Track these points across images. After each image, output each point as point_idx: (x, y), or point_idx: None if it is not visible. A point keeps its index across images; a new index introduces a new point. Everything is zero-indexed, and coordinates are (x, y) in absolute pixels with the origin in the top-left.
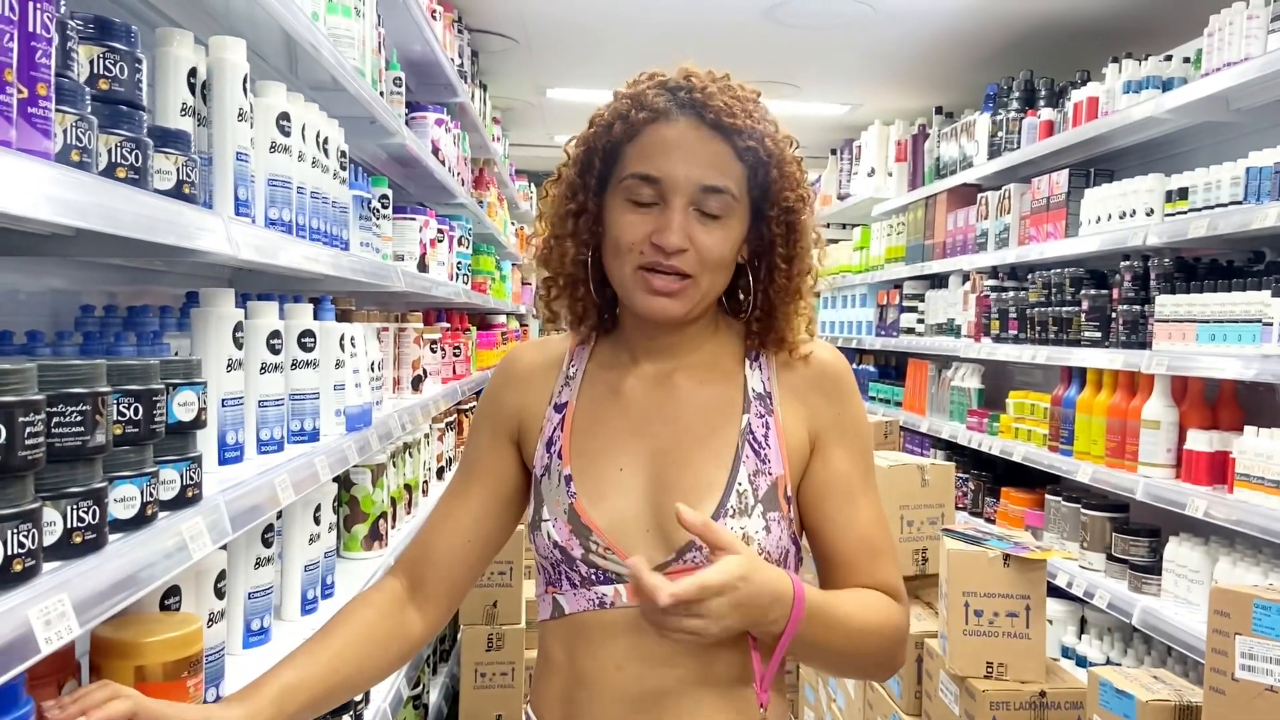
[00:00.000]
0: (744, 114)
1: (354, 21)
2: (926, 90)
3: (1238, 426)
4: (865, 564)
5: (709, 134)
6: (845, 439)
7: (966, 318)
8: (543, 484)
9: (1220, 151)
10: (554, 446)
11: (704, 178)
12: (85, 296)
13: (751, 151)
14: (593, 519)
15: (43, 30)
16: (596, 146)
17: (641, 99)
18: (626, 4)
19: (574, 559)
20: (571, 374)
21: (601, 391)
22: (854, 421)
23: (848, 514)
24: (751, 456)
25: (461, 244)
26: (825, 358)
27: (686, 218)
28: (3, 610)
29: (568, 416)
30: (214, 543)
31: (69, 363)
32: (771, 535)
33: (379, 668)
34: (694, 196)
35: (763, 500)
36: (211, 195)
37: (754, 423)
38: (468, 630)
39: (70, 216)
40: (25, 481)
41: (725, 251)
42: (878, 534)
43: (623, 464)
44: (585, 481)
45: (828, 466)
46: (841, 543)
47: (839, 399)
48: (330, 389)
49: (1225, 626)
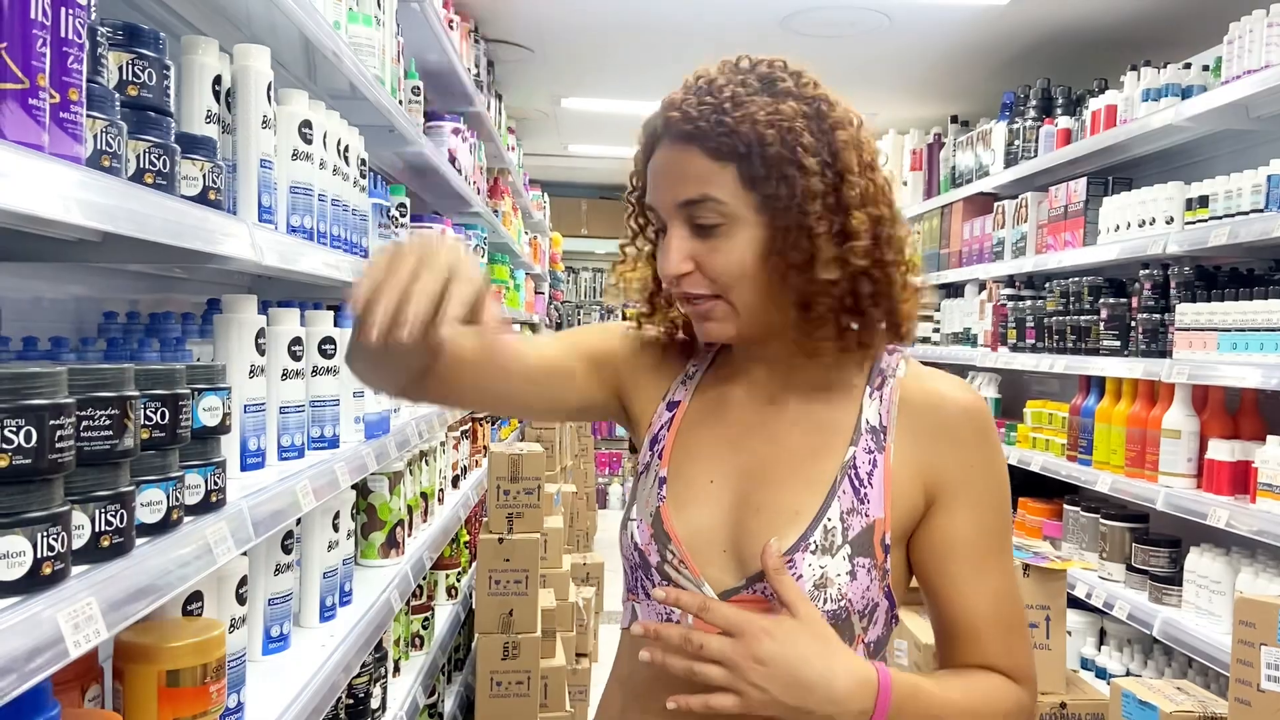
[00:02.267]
0: (712, 110)
1: (375, 30)
2: (942, 99)
3: (1260, 436)
4: (993, 641)
5: (680, 148)
6: (977, 494)
7: (983, 327)
8: (641, 481)
9: (1240, 159)
10: (658, 445)
11: (678, 194)
12: (107, 304)
13: (726, 148)
14: (674, 527)
15: (74, 36)
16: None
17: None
18: (641, 14)
19: (650, 566)
20: (691, 374)
21: (713, 397)
22: (991, 476)
23: (975, 580)
24: (849, 492)
25: (477, 253)
26: (960, 398)
27: (685, 240)
28: (33, 613)
29: (677, 417)
30: (237, 548)
31: (98, 367)
32: (857, 582)
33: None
34: (679, 216)
35: (852, 542)
36: (236, 202)
37: (860, 457)
38: (483, 639)
39: (100, 220)
40: (55, 485)
41: (735, 262)
42: (1009, 608)
43: (714, 476)
44: (677, 488)
45: (954, 525)
46: (964, 613)
47: (973, 449)
48: (350, 396)
49: (1250, 637)
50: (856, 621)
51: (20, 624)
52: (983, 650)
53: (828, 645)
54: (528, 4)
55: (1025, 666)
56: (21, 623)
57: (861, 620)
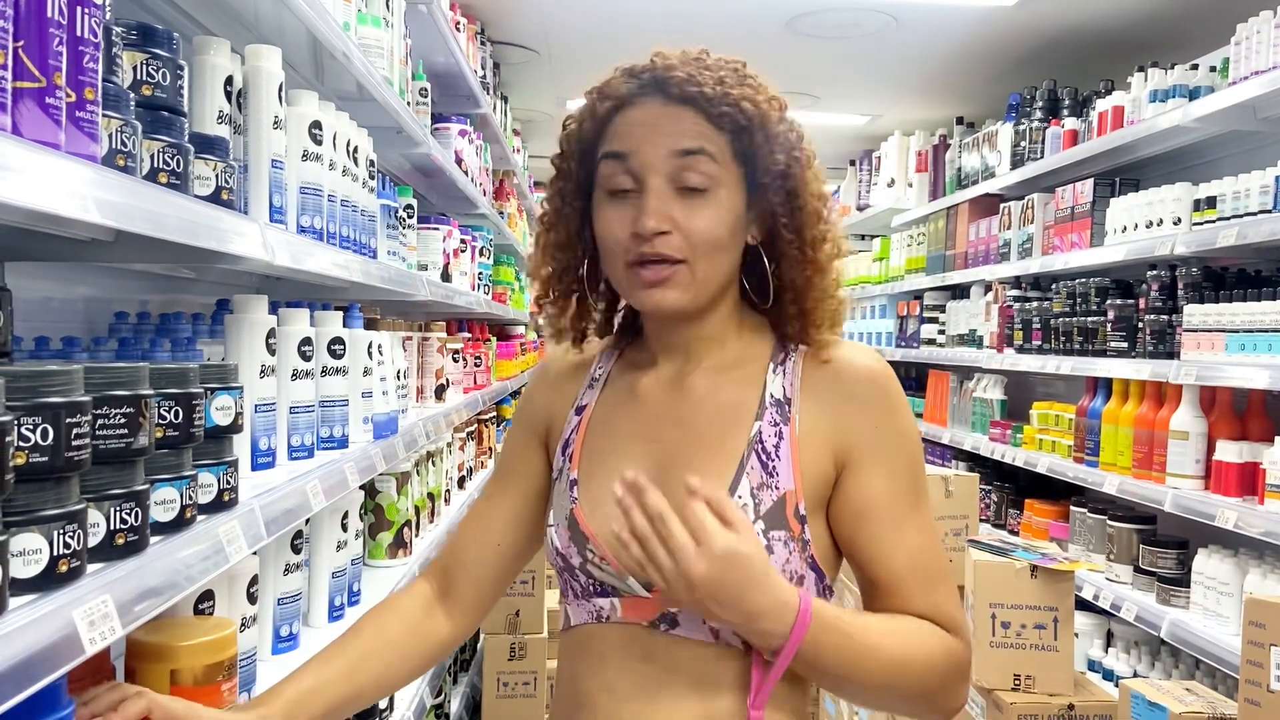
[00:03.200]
0: (714, 81)
1: (383, 32)
2: (948, 101)
3: (1268, 437)
4: (917, 593)
5: (677, 107)
6: (886, 455)
7: (989, 328)
8: (555, 487)
9: (1247, 160)
10: (568, 449)
11: (676, 143)
12: (117, 305)
13: (728, 117)
14: (590, 527)
15: (90, 35)
16: (570, 150)
17: (605, 89)
18: (646, 16)
19: (573, 567)
20: (596, 376)
21: (620, 394)
22: (898, 435)
23: (892, 538)
24: (758, 467)
25: (483, 254)
26: (862, 362)
27: (665, 198)
28: (49, 610)
29: (584, 419)
30: (249, 547)
31: (113, 366)
32: (775, 557)
33: (400, 675)
34: (670, 167)
35: (765, 516)
36: (247, 202)
37: (765, 431)
38: (490, 639)
39: (117, 219)
40: (71, 482)
41: (717, 229)
42: (930, 560)
43: (627, 470)
44: (589, 487)
45: (865, 485)
46: (885, 570)
47: (877, 410)
48: (359, 396)
49: (1260, 638)
50: None
51: (37, 621)
52: (908, 602)
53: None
54: (534, 6)
55: (953, 616)
56: (39, 619)
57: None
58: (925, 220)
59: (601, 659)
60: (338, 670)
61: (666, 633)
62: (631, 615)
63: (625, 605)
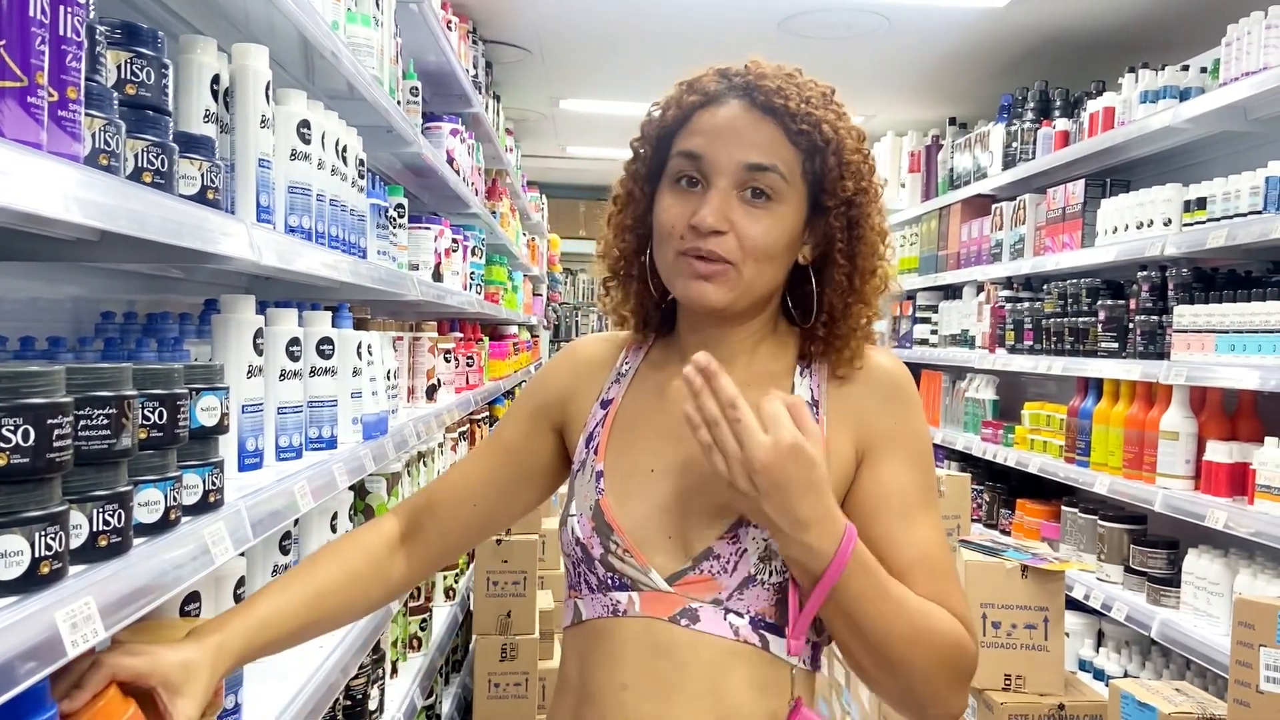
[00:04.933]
0: (799, 98)
1: (373, 31)
2: (940, 101)
3: (1258, 438)
4: (925, 587)
5: (759, 115)
6: (901, 451)
7: (981, 329)
8: (577, 479)
9: (1238, 161)
10: (593, 442)
11: (748, 156)
12: (104, 304)
13: (805, 135)
14: (615, 518)
15: (73, 34)
16: (649, 134)
17: (696, 84)
18: (639, 16)
19: (593, 559)
20: (623, 371)
21: (648, 391)
22: (913, 434)
23: (903, 532)
24: None
25: (475, 254)
26: (882, 364)
27: (728, 200)
28: (31, 613)
29: (611, 413)
30: (235, 548)
31: (96, 366)
32: None
33: (353, 611)
34: (738, 176)
35: None
36: (234, 201)
37: None
38: (481, 640)
39: (99, 219)
40: (53, 484)
41: (772, 240)
42: (939, 557)
43: (654, 466)
44: (615, 480)
45: (880, 479)
46: (895, 564)
47: (895, 408)
48: (348, 397)
49: (1250, 638)
50: None
51: (18, 623)
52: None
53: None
54: (526, 6)
55: (962, 612)
56: (19, 622)
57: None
58: (918, 220)
59: (615, 654)
60: (299, 598)
61: (686, 628)
62: (650, 610)
63: (644, 600)
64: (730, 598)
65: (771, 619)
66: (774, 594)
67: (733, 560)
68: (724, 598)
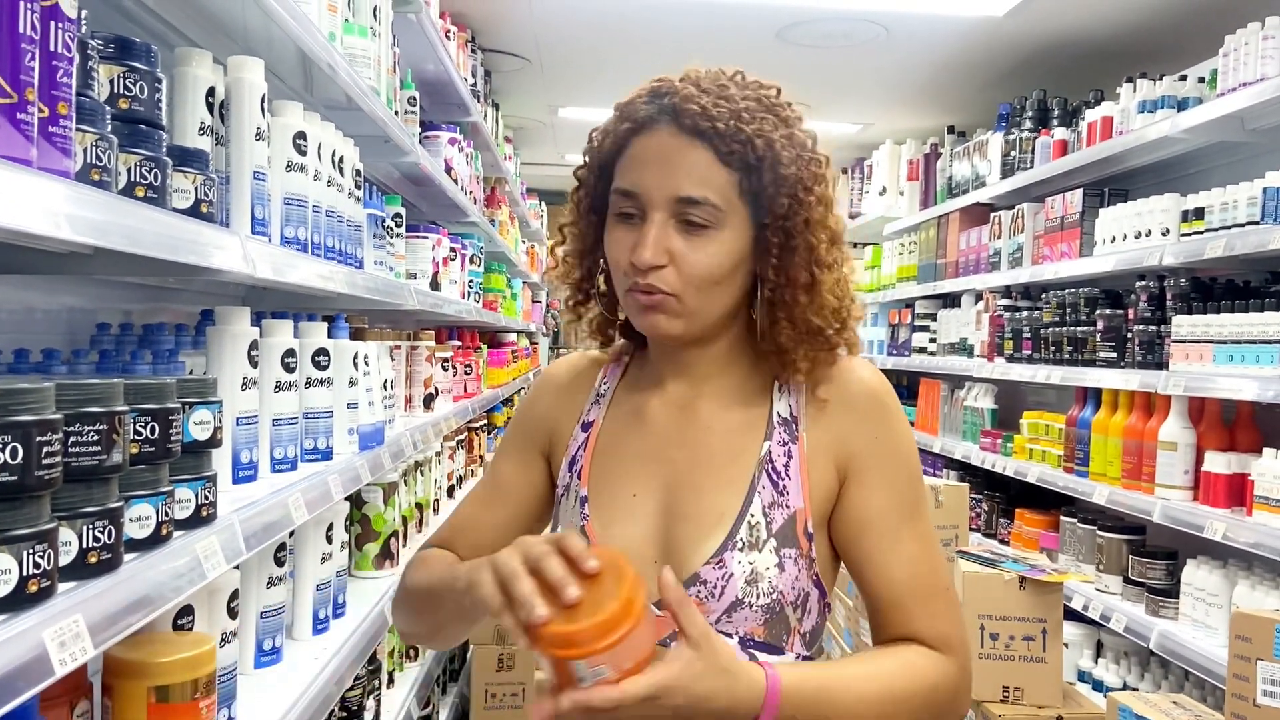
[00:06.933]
0: (730, 115)
1: (370, 42)
2: (939, 110)
3: (1256, 448)
4: (913, 608)
5: (687, 140)
6: (884, 466)
7: (979, 337)
8: (561, 504)
9: (1236, 171)
10: (575, 466)
11: (679, 188)
12: (101, 315)
13: (737, 155)
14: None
15: (64, 49)
16: (593, 164)
17: (628, 109)
18: (638, 24)
19: None
20: (602, 392)
21: (627, 413)
22: (895, 447)
23: (889, 552)
24: (769, 487)
25: (473, 262)
26: (860, 376)
27: (665, 232)
28: (18, 632)
29: (592, 436)
30: (228, 562)
31: (86, 382)
32: (785, 574)
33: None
34: (671, 208)
35: (776, 535)
36: (229, 214)
37: (775, 450)
38: (478, 650)
39: (90, 235)
40: (42, 501)
41: (716, 264)
42: (926, 574)
43: (637, 490)
44: (599, 505)
45: (864, 501)
46: (883, 584)
47: (875, 422)
48: (344, 407)
49: (1247, 652)
50: (790, 614)
51: (5, 643)
52: (907, 618)
53: (733, 678)
54: (525, 15)
55: (949, 633)
56: (6, 641)
57: (795, 612)
58: (916, 229)
59: None
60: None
61: None
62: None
63: None
64: (719, 621)
65: (760, 638)
66: (762, 615)
67: (719, 585)
68: (712, 621)
